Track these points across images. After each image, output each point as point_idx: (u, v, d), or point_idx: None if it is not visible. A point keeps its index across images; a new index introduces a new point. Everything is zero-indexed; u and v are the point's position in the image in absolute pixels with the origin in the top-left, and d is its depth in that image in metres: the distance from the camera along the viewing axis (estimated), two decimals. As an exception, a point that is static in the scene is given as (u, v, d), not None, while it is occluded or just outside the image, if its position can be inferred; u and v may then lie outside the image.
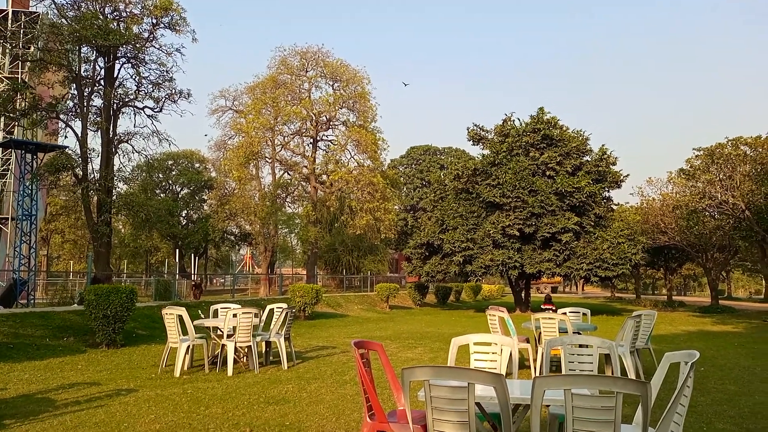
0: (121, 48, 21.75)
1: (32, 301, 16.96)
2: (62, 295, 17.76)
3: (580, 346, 4.71)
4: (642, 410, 2.70)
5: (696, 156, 25.98)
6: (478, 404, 3.69)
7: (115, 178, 22.49)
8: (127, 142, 23.02)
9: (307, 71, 34.97)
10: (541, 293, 64.58)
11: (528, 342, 9.08)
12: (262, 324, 9.93)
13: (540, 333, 8.70)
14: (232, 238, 45.17)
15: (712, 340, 14.49)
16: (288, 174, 37.96)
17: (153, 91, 23.32)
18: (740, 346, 12.83)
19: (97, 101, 22.35)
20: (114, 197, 22.82)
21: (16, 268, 17.44)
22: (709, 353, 11.37)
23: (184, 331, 8.64)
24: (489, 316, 9.11)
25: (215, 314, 10.20)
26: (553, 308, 11.94)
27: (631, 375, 7.39)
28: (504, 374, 3.22)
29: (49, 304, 16.76)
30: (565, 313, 9.52)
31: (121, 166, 23.27)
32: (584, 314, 10.50)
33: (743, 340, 14.49)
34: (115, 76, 22.53)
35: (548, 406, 3.81)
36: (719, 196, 21.92)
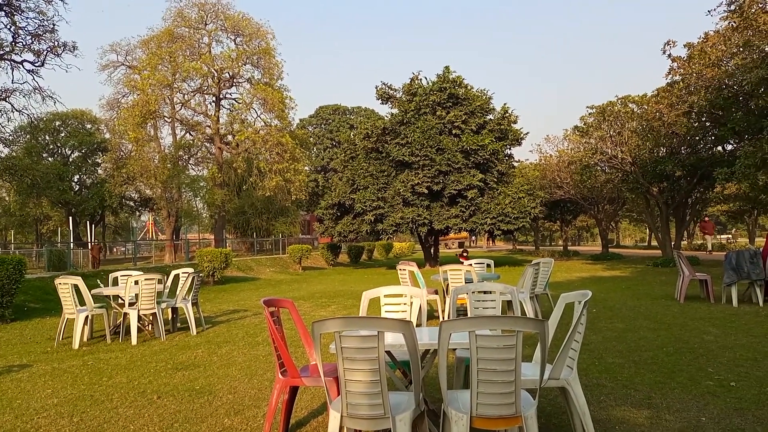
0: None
1: None
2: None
3: (484, 293, 4.94)
4: (540, 346, 2.89)
5: (589, 114, 27.64)
6: (389, 353, 3.80)
7: (-7, 140, 20.37)
8: (4, 99, 20.79)
9: (206, 24, 33.02)
10: (449, 249, 67.15)
11: (437, 293, 9.42)
12: (167, 290, 9.54)
13: (448, 284, 9.04)
14: (132, 203, 42.59)
15: (603, 284, 15.78)
16: (190, 134, 36.12)
17: (32, 43, 21.08)
18: (627, 289, 14.07)
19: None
20: (-7, 161, 20.71)
21: None
22: (600, 296, 12.40)
23: (82, 302, 8.13)
24: (399, 271, 9.33)
25: (115, 282, 9.67)
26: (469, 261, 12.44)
27: (529, 315, 7.90)
28: (413, 322, 3.31)
29: None
30: (471, 265, 9.94)
31: (0, 126, 21.05)
32: (488, 265, 11.03)
33: (630, 283, 15.89)
34: (-16, 25, 20.12)
35: (455, 350, 3.99)
36: (609, 151, 23.53)
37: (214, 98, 33.73)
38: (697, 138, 20.94)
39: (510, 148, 27.80)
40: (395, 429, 2.77)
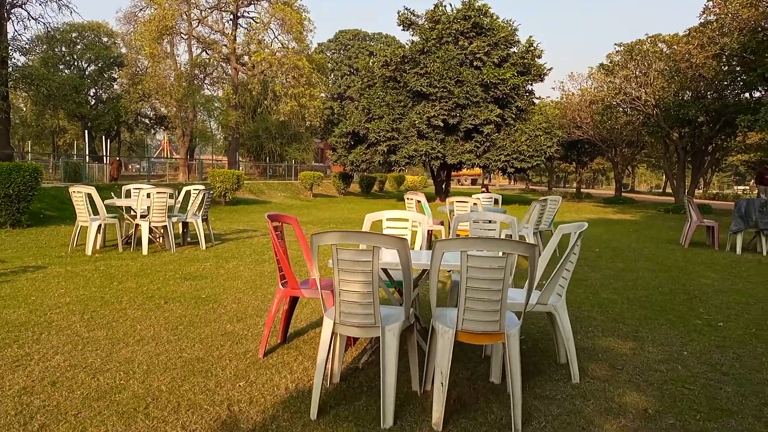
0: None
1: None
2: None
3: (486, 222, 5.00)
4: (529, 270, 2.97)
5: (617, 52, 26.67)
6: (385, 271, 3.92)
7: (10, 47, 20.14)
8: (20, 6, 20.42)
9: (225, -64, 31.65)
10: (462, 185, 67.00)
11: (443, 224, 9.53)
12: (178, 205, 9.74)
13: (454, 216, 9.12)
14: (147, 121, 42.58)
15: (611, 226, 15.82)
16: (206, 53, 35.49)
17: (47, -54, 20.46)
18: (634, 232, 14.11)
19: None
20: (10, 69, 20.58)
21: None
22: (606, 237, 12.48)
23: (95, 212, 8.36)
24: (407, 200, 9.41)
25: (128, 195, 9.88)
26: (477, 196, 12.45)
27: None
28: (407, 240, 3.40)
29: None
30: (478, 198, 9.99)
31: (16, 34, 20.88)
32: (495, 200, 11.07)
33: (638, 227, 15.91)
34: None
35: (450, 272, 4.11)
36: (633, 92, 22.90)
37: (231, 16, 32.87)
38: (725, 83, 20.27)
39: (531, 84, 27.14)
40: (384, 338, 2.91)
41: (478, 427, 2.85)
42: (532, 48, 26.03)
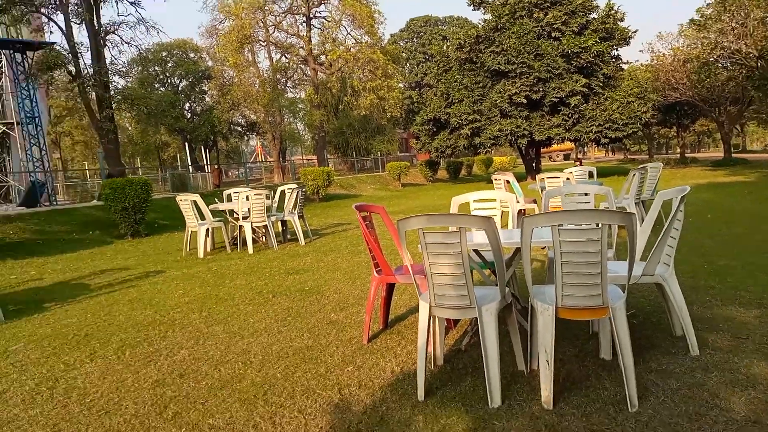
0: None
1: (54, 203, 17.47)
2: (82, 193, 18.24)
3: (580, 195, 4.84)
4: (629, 240, 2.85)
5: (708, 4, 24.45)
6: (478, 252, 3.91)
7: (110, 72, 21.99)
8: (114, 32, 22.23)
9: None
10: (553, 161, 64.61)
11: (535, 203, 9.27)
12: (275, 205, 10.23)
13: (545, 192, 8.85)
14: (239, 128, 44.88)
15: (723, 189, 14.65)
16: (285, 57, 36.71)
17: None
18: (750, 194, 12.98)
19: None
20: (112, 92, 22.48)
21: (31, 170, 17.75)
22: (718, 201, 11.59)
23: (202, 217, 8.98)
24: (495, 180, 9.25)
25: (229, 199, 10.51)
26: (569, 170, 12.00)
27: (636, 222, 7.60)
28: (494, 218, 3.36)
29: (71, 203, 17.28)
30: (571, 173, 9.61)
31: (114, 59, 22.70)
32: (590, 173, 10.58)
33: (754, 188, 14.61)
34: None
35: (544, 248, 4.01)
36: (731, 45, 20.92)
37: (304, 18, 33.73)
38: None
39: (617, 49, 25.60)
40: (481, 318, 2.92)
41: (591, 403, 2.79)
42: (613, 11, 24.55)
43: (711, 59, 23.50)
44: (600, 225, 2.65)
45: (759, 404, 2.65)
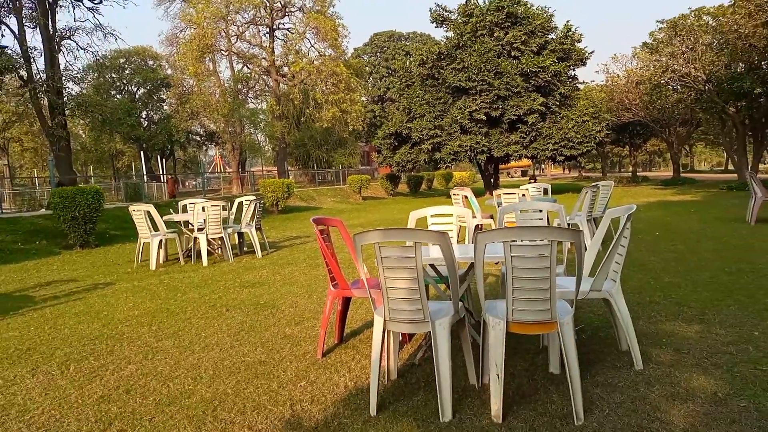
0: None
1: (-2, 211, 16.71)
2: (29, 201, 17.53)
3: (533, 211, 4.95)
4: (577, 255, 2.93)
5: (659, 29, 25.66)
6: (433, 267, 3.94)
7: (63, 78, 21.32)
8: (69, 38, 21.63)
9: (257, -48, 32.36)
10: (512, 178, 65.97)
11: (492, 218, 9.44)
12: (232, 217, 10.09)
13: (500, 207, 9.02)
14: (198, 138, 44.10)
15: (670, 208, 15.24)
16: (247, 67, 36.40)
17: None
18: (695, 212, 13.53)
19: (31, -7, 20.66)
20: (65, 98, 21.78)
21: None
22: (665, 220, 12.04)
23: (156, 228, 8.75)
24: (453, 196, 9.38)
25: (184, 210, 10.28)
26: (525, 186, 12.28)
27: (587, 239, 7.83)
28: (448, 234, 3.41)
29: (17, 211, 16.56)
30: (526, 189, 9.84)
31: (68, 65, 22.12)
32: (545, 190, 10.86)
33: (699, 207, 15.25)
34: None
35: (497, 263, 4.08)
36: (681, 68, 21.95)
37: (267, 29, 33.59)
38: (782, 50, 19.15)
39: (573, 69, 26.49)
40: (434, 332, 2.94)
41: (539, 417, 2.83)
42: (571, 33, 25.42)
43: (662, 81, 24.55)
44: (550, 241, 2.72)
45: (697, 417, 2.75)
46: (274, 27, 33.53)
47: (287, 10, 33.23)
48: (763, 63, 20.29)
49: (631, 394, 3.04)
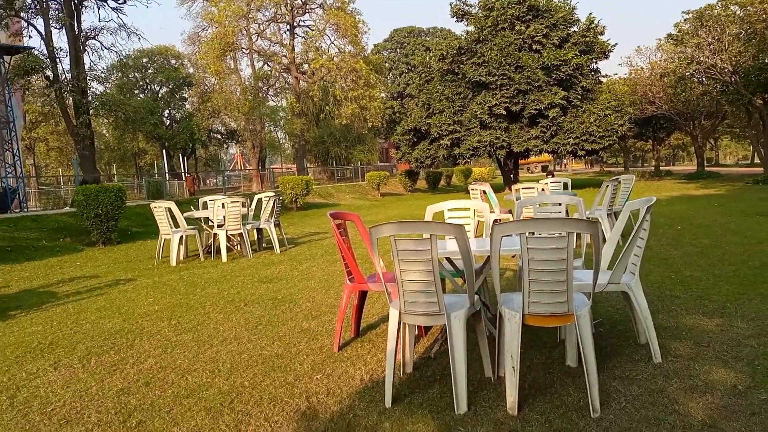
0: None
1: (25, 209, 17.13)
2: (54, 200, 17.90)
3: (553, 205, 4.90)
4: (594, 249, 2.89)
5: (685, 20, 25.14)
6: (449, 260, 3.93)
7: (88, 77, 21.70)
8: (94, 38, 22.00)
9: (277, -50, 32.54)
10: (531, 173, 65.36)
11: (510, 213, 9.36)
12: (251, 213, 10.17)
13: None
14: (219, 136, 44.57)
15: (694, 202, 14.95)
16: (267, 65, 36.67)
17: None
18: (720, 206, 13.25)
19: (57, -5, 21.05)
20: (90, 98, 22.18)
21: (3, 176, 17.39)
22: (689, 213, 11.82)
23: (177, 225, 8.87)
24: (471, 190, 9.33)
25: (205, 207, 10.40)
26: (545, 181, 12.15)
27: (607, 233, 7.72)
28: (464, 226, 3.39)
29: (42, 209, 16.94)
30: (546, 184, 9.74)
31: (93, 64, 22.44)
32: (564, 184, 10.73)
33: (723, 200, 14.93)
34: (71, -34, 21.00)
35: (514, 256, 4.05)
36: (707, 60, 21.50)
37: (288, 27, 33.78)
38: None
39: (596, 62, 26.09)
40: (450, 325, 2.93)
41: (555, 409, 2.81)
42: (594, 25, 25.02)
43: (687, 74, 24.10)
44: (566, 233, 2.69)
45: (715, 409, 2.70)
46: (295, 24, 33.71)
47: (308, 7, 33.38)
48: (792, 53, 19.80)
49: (649, 387, 2.99)
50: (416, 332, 4.09)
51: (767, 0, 17.89)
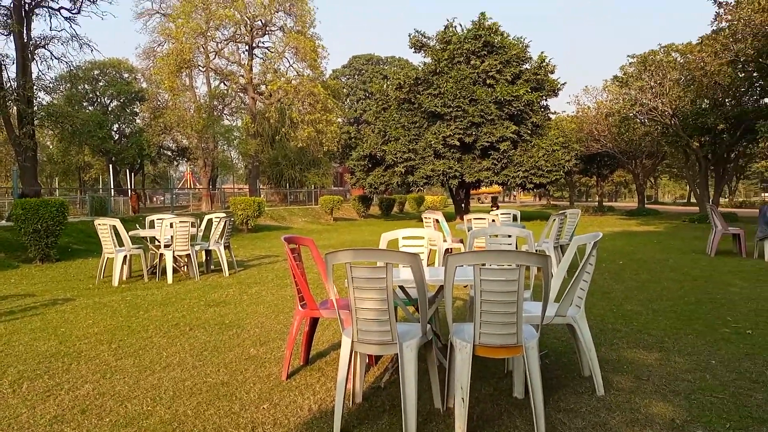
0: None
1: (-45, 221, 16.11)
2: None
3: (503, 236, 5.01)
4: (543, 281, 2.97)
5: (630, 63, 26.61)
6: (403, 289, 3.95)
7: (35, 87, 20.89)
8: (43, 47, 21.26)
9: (239, -29, 32.56)
10: (482, 203, 66.76)
11: (462, 242, 9.51)
12: (200, 234, 9.94)
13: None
14: (169, 153, 43.54)
15: (634, 238, 15.61)
16: (224, 84, 36.32)
17: (69, -12, 21.37)
18: (658, 243, 13.89)
19: (6, 1, 20.34)
20: (35, 108, 21.32)
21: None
22: (629, 249, 12.31)
23: (121, 243, 8.55)
24: (425, 219, 9.44)
25: (152, 225, 10.09)
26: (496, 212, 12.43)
27: (553, 267, 7.94)
28: (419, 255, 3.43)
29: (-26, 222, 15.99)
30: (496, 215, 9.97)
31: (41, 74, 21.64)
32: (514, 216, 11.01)
33: (662, 237, 15.66)
34: (23, -28, 20.36)
35: (466, 286, 4.11)
36: (649, 102, 22.75)
37: (247, 47, 33.66)
38: (742, 89, 20.08)
39: (546, 99, 27.12)
40: (402, 354, 2.94)
41: (502, 442, 2.84)
42: (545, 64, 26.09)
43: (631, 114, 25.36)
44: (518, 266, 2.76)
45: (656, 443, 2.79)
46: (254, 45, 33.62)
47: (267, 29, 33.40)
48: (726, 100, 21.17)
49: (593, 420, 3.07)
50: (367, 361, 4.06)
51: (705, 50, 19.16)
